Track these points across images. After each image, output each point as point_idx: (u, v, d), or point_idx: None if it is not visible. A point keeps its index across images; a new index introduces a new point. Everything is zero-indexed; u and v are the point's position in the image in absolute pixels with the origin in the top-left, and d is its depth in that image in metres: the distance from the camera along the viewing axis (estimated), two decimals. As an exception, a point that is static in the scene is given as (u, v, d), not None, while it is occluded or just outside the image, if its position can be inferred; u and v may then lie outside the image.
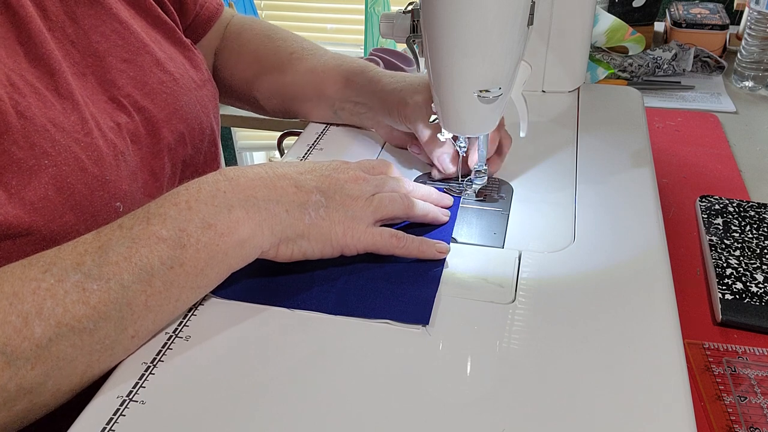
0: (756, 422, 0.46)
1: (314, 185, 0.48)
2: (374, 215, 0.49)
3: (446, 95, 0.52)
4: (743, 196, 0.74)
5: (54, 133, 0.49)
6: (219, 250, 0.43)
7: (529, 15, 0.49)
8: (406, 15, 0.58)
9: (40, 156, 0.47)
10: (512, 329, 0.44)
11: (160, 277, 0.41)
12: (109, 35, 0.58)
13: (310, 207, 0.47)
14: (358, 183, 0.50)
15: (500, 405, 0.39)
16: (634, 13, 1.14)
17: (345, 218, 0.48)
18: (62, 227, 0.48)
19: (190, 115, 0.62)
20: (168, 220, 0.42)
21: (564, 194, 0.59)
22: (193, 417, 0.39)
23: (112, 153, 0.53)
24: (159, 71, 0.61)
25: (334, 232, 0.48)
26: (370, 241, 0.49)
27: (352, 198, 0.49)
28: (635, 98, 0.78)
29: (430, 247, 0.50)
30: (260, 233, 0.45)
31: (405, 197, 0.52)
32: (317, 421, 0.38)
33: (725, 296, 0.56)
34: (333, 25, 1.99)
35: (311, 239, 0.47)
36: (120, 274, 0.40)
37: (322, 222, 0.47)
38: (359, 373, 0.41)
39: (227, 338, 0.44)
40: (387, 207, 0.50)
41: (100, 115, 0.54)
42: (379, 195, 0.50)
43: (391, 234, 0.49)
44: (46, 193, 0.47)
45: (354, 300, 0.47)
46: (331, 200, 0.48)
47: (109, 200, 0.51)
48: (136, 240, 0.41)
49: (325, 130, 0.72)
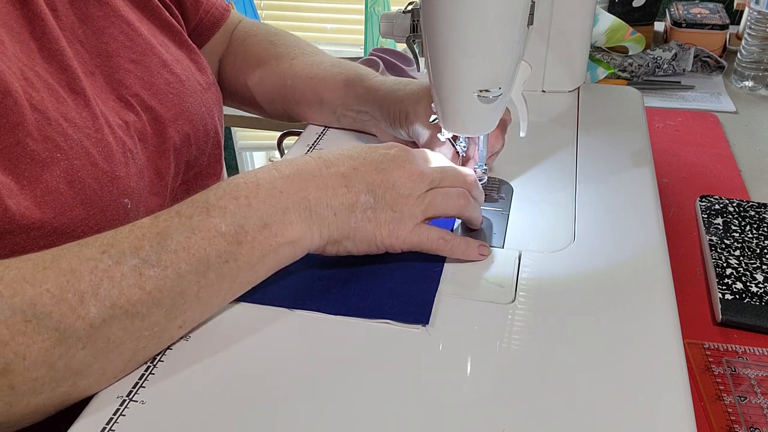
0: (756, 422, 0.46)
1: (364, 184, 0.48)
2: (424, 214, 0.49)
3: (446, 95, 0.52)
4: (743, 196, 0.74)
5: (66, 127, 0.49)
6: (271, 249, 0.44)
7: (529, 15, 0.49)
8: (406, 15, 0.58)
9: (53, 149, 0.47)
10: (512, 329, 0.44)
11: (215, 270, 0.42)
12: (117, 36, 0.59)
13: (357, 209, 0.47)
14: (412, 179, 0.49)
15: (500, 405, 0.39)
16: (634, 13, 1.14)
17: (392, 219, 0.48)
18: (71, 221, 0.48)
19: (196, 116, 0.63)
20: (228, 214, 0.43)
21: (564, 194, 0.59)
22: (193, 417, 0.39)
23: (122, 150, 0.53)
24: (166, 72, 0.61)
25: (380, 233, 0.48)
26: (416, 241, 0.49)
27: (403, 196, 0.48)
28: (635, 98, 0.78)
29: (474, 249, 0.50)
30: (309, 235, 0.46)
31: (462, 195, 0.51)
32: (318, 421, 0.38)
33: (725, 296, 0.56)
34: (333, 25, 1.99)
35: (356, 240, 0.48)
36: (178, 263, 0.41)
37: (368, 224, 0.47)
38: (359, 373, 0.41)
39: (227, 338, 0.44)
40: (440, 206, 0.49)
41: (109, 113, 0.55)
42: (433, 191, 0.49)
43: (439, 236, 0.49)
44: (57, 186, 0.47)
45: (354, 300, 0.47)
46: (381, 200, 0.48)
47: (118, 196, 0.51)
48: (196, 231, 0.42)
49: (325, 131, 0.72)
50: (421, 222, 0.49)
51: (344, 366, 0.42)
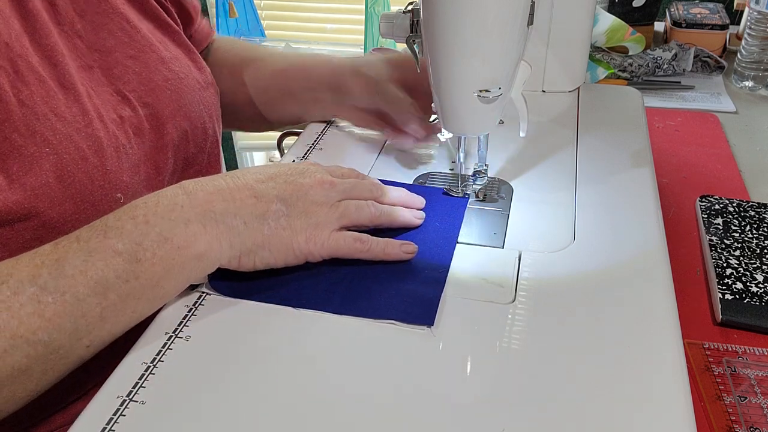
0: (756, 422, 0.46)
1: (275, 194, 0.47)
2: (339, 221, 0.49)
3: (446, 95, 0.52)
4: (743, 196, 0.74)
5: (55, 122, 0.49)
6: (175, 264, 0.43)
7: (529, 15, 0.49)
8: (406, 15, 0.58)
9: (41, 143, 0.47)
10: (512, 329, 0.44)
11: (115, 290, 0.41)
12: (116, 32, 0.59)
13: (269, 217, 0.46)
14: (323, 188, 0.49)
15: (500, 405, 0.39)
16: (634, 13, 1.13)
17: (307, 226, 0.47)
18: (62, 215, 0.48)
19: (194, 113, 0.63)
20: (124, 234, 0.42)
21: (564, 194, 0.59)
22: (193, 417, 0.39)
23: (113, 145, 0.53)
24: (164, 69, 0.61)
25: (296, 241, 0.47)
26: (333, 246, 0.48)
27: (316, 204, 0.48)
28: (635, 98, 0.78)
29: (396, 248, 0.50)
30: (218, 247, 0.45)
31: (373, 205, 0.51)
32: (319, 421, 0.38)
33: (725, 296, 0.56)
34: (333, 25, 1.99)
35: (272, 249, 0.47)
36: (75, 287, 0.40)
37: (283, 232, 0.47)
38: (359, 372, 0.41)
39: (228, 338, 0.44)
40: (353, 214, 0.50)
41: (103, 107, 0.55)
42: (346, 202, 0.50)
43: (354, 238, 0.49)
44: (46, 180, 0.47)
45: (359, 300, 0.46)
46: (293, 208, 0.47)
47: (110, 191, 0.51)
48: (93, 253, 0.41)
49: (325, 130, 0.72)
50: (336, 229, 0.49)
51: (345, 366, 0.42)
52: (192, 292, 0.48)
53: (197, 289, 0.48)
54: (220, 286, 0.48)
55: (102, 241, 0.42)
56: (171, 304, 0.47)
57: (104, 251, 0.41)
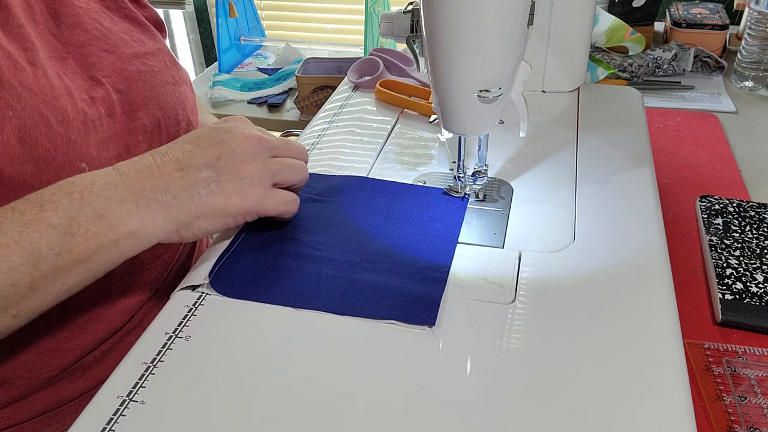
0: (756, 422, 0.46)
1: (202, 161, 0.48)
2: (273, 178, 0.50)
3: (446, 95, 0.52)
4: (743, 196, 0.74)
5: (21, 91, 0.49)
6: (108, 240, 0.45)
7: (529, 15, 0.49)
8: (406, 15, 0.58)
9: (4, 108, 0.48)
10: (512, 329, 0.44)
11: (47, 262, 0.43)
12: (91, 30, 0.60)
13: (199, 186, 0.47)
14: (252, 143, 0.49)
15: (500, 405, 0.39)
16: (634, 13, 1.14)
17: (240, 185, 0.48)
18: (22, 174, 0.48)
19: (167, 105, 0.63)
20: (60, 208, 0.44)
21: (564, 194, 0.59)
22: (193, 417, 0.39)
23: (81, 118, 0.53)
24: (138, 63, 0.62)
25: (231, 203, 0.48)
26: (272, 204, 0.49)
27: (246, 162, 0.49)
28: (635, 98, 0.78)
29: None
30: (152, 224, 0.46)
31: (304, 167, 0.53)
32: (319, 421, 0.38)
33: (725, 296, 0.56)
34: (333, 25, 1.99)
35: (208, 218, 0.48)
36: (9, 256, 0.42)
37: (215, 198, 0.47)
38: (360, 372, 0.41)
39: (228, 338, 0.44)
40: (288, 173, 0.51)
41: (75, 88, 0.55)
42: (281, 159, 0.51)
43: (292, 198, 0.51)
44: (8, 140, 0.48)
45: (360, 300, 0.46)
46: (222, 171, 0.48)
47: (74, 159, 0.52)
48: (28, 225, 0.43)
49: (325, 130, 0.72)
50: (270, 186, 0.50)
51: (346, 366, 0.42)
52: (192, 292, 0.48)
53: (197, 289, 0.48)
54: (220, 286, 0.48)
55: (37, 214, 0.43)
56: (171, 304, 0.47)
57: (39, 224, 0.43)
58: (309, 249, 0.52)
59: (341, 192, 0.59)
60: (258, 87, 1.45)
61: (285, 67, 1.53)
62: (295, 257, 0.51)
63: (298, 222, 0.55)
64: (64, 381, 0.58)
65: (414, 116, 0.76)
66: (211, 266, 0.50)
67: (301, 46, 1.63)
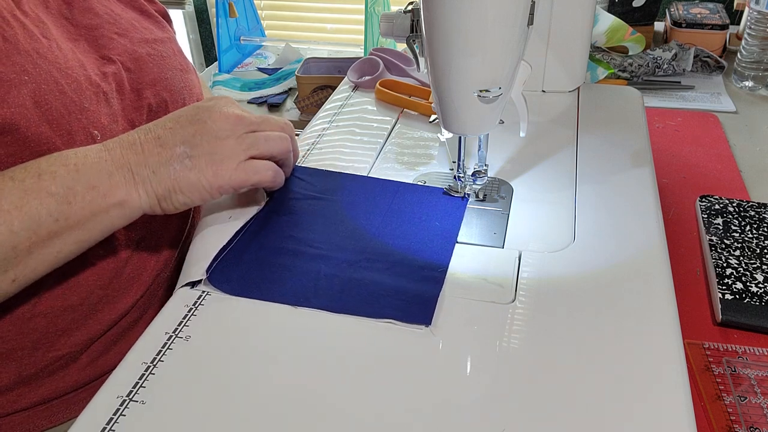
0: (756, 422, 0.46)
1: (179, 138, 0.51)
2: (246, 153, 0.52)
3: (446, 95, 0.52)
4: (743, 196, 0.74)
5: (36, 58, 0.51)
6: (100, 209, 0.48)
7: (529, 15, 0.49)
8: (406, 15, 0.58)
9: (20, 72, 0.50)
10: (512, 329, 0.44)
11: (45, 228, 0.46)
12: (102, 15, 0.62)
13: (174, 162, 0.50)
14: (229, 121, 0.52)
15: (500, 405, 0.39)
16: (634, 13, 1.14)
17: (212, 162, 0.50)
18: (38, 135, 0.50)
19: (175, 88, 0.64)
20: (57, 178, 0.47)
21: (564, 194, 0.59)
22: (193, 417, 0.39)
23: (93, 89, 0.55)
24: (148, 47, 0.63)
25: (204, 178, 0.50)
26: (243, 177, 0.51)
27: (220, 139, 0.51)
28: (635, 98, 0.78)
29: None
30: (136, 196, 0.49)
31: (285, 139, 0.54)
32: (318, 420, 0.38)
33: (725, 296, 0.56)
34: (333, 25, 1.99)
35: (184, 191, 0.50)
36: (11, 221, 0.45)
37: (189, 173, 0.50)
38: (360, 371, 0.41)
39: (228, 338, 0.44)
40: (262, 145, 0.52)
41: (88, 64, 0.57)
42: (255, 133, 0.53)
43: (266, 167, 0.52)
44: (24, 102, 0.49)
45: (357, 299, 0.47)
46: (197, 148, 0.50)
47: (87, 125, 0.53)
48: (28, 192, 0.46)
49: (325, 130, 0.72)
50: (245, 160, 0.51)
51: (345, 365, 0.42)
52: (192, 291, 0.48)
53: (196, 287, 0.48)
54: (219, 282, 0.48)
55: (37, 182, 0.46)
56: (171, 304, 0.47)
57: (39, 191, 0.46)
58: (308, 247, 0.52)
59: (341, 190, 0.59)
60: (258, 87, 1.45)
61: (285, 67, 1.53)
62: (294, 255, 0.51)
63: (298, 220, 0.55)
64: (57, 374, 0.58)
65: (414, 116, 0.76)
66: (210, 261, 0.50)
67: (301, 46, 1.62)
